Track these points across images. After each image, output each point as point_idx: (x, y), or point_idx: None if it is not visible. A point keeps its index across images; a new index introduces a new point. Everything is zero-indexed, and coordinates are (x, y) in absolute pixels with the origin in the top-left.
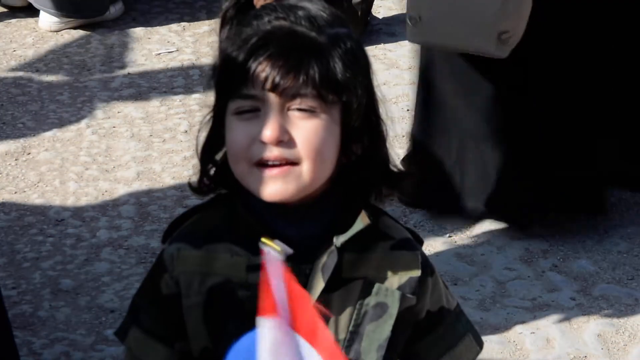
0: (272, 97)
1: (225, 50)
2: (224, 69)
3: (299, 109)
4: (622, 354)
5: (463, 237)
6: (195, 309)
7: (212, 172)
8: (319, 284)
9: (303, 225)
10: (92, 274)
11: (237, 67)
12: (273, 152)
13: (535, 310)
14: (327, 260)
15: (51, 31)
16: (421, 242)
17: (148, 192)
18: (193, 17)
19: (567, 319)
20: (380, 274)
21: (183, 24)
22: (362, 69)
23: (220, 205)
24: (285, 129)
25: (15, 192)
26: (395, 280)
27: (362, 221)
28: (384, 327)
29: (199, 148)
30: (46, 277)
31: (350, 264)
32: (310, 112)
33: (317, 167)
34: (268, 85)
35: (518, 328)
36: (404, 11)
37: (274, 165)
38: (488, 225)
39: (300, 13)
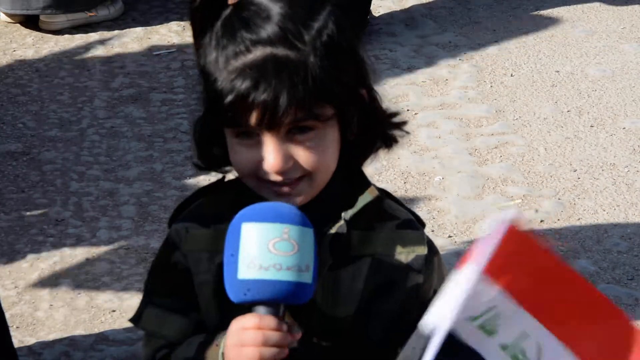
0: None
1: (212, 79)
2: (215, 102)
3: (298, 132)
4: None
5: (463, 237)
6: (205, 285)
7: (213, 151)
8: (327, 259)
9: (310, 204)
10: (91, 274)
11: (228, 105)
12: (279, 177)
13: None
14: (336, 235)
15: (51, 31)
16: (423, 225)
17: (149, 192)
18: None
19: None
20: (388, 252)
21: (183, 24)
22: (345, 55)
23: (228, 190)
24: (289, 155)
25: (16, 192)
26: (402, 258)
27: (370, 194)
28: (393, 304)
29: (195, 129)
30: (46, 277)
31: (358, 242)
32: (309, 130)
33: (324, 175)
34: (263, 126)
35: None
36: (404, 11)
37: (287, 184)
38: (488, 225)
39: (275, 28)
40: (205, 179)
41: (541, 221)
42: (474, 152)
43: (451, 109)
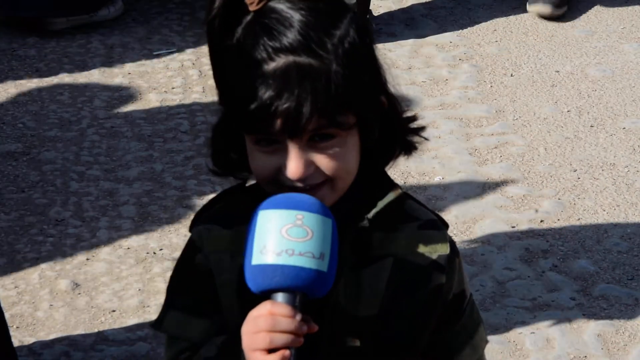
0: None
1: (232, 85)
2: (237, 109)
3: (320, 139)
4: (622, 354)
5: (463, 237)
6: (227, 286)
7: (230, 155)
8: (348, 260)
9: (332, 206)
10: (91, 274)
11: (250, 114)
12: (301, 184)
13: (535, 310)
14: (357, 234)
15: (52, 31)
16: (447, 226)
17: (149, 192)
18: (193, 17)
19: (567, 319)
20: (411, 251)
21: (183, 24)
22: (365, 63)
23: (249, 192)
24: (310, 162)
25: (16, 192)
26: (425, 258)
27: (393, 194)
28: (415, 304)
29: (212, 134)
30: (46, 277)
31: (380, 242)
32: (330, 136)
33: (346, 180)
34: (286, 134)
35: (518, 328)
36: (404, 11)
37: (309, 189)
38: (488, 225)
39: (298, 36)
40: (206, 179)
41: (541, 221)
42: (474, 152)
43: (451, 109)
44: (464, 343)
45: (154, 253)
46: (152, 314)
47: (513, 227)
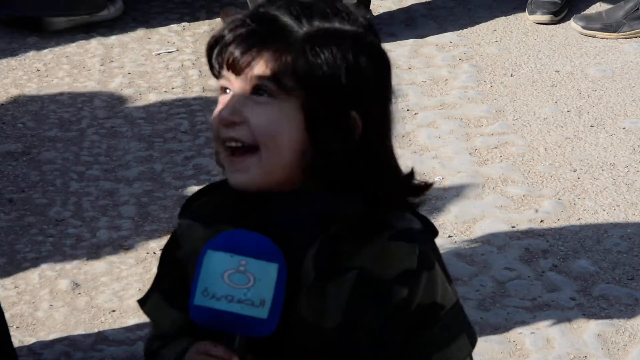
0: (233, 78)
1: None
2: (207, 48)
3: (257, 93)
4: (622, 354)
5: (463, 237)
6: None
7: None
8: (310, 273)
9: (297, 214)
10: (91, 274)
11: (214, 46)
12: (226, 133)
13: (535, 310)
14: (320, 249)
15: (52, 31)
16: (435, 233)
17: (149, 192)
18: (193, 17)
19: (567, 319)
20: (376, 265)
21: (183, 24)
22: (345, 67)
23: (231, 190)
24: (239, 111)
25: (16, 192)
26: (389, 272)
27: (358, 211)
28: (378, 317)
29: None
30: (46, 277)
31: (347, 254)
32: (267, 96)
33: (273, 156)
34: (228, 63)
35: (518, 328)
36: (404, 11)
37: (236, 153)
38: (488, 225)
39: (302, 6)
40: (205, 179)
41: (541, 221)
42: (474, 152)
43: (451, 109)
44: (433, 353)
45: (154, 253)
46: None
47: (513, 227)
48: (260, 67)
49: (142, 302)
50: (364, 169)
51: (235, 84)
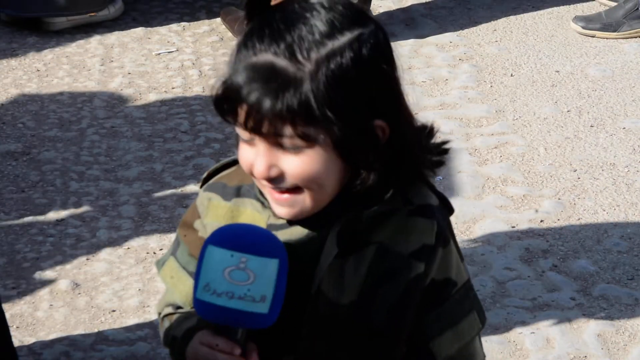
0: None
1: (223, 77)
2: (216, 99)
3: (285, 147)
4: (622, 354)
5: (463, 237)
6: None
7: None
8: (333, 249)
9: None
10: (91, 274)
11: (222, 97)
12: (268, 184)
13: (535, 310)
14: (343, 226)
15: (52, 31)
16: (451, 210)
17: (148, 192)
18: (193, 17)
19: (567, 319)
20: (395, 240)
21: (183, 24)
22: (355, 87)
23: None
24: (274, 164)
25: (16, 192)
26: (407, 247)
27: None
28: (394, 292)
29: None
30: (46, 277)
31: (367, 229)
32: (296, 148)
33: (316, 194)
34: (248, 128)
35: (518, 328)
36: (404, 11)
37: (281, 191)
38: (488, 225)
39: (289, 38)
40: None
41: (541, 221)
42: (474, 152)
43: (451, 109)
44: (445, 329)
45: (154, 253)
46: (152, 314)
47: (513, 227)
48: (281, 128)
49: (160, 266)
50: (397, 157)
51: (260, 140)
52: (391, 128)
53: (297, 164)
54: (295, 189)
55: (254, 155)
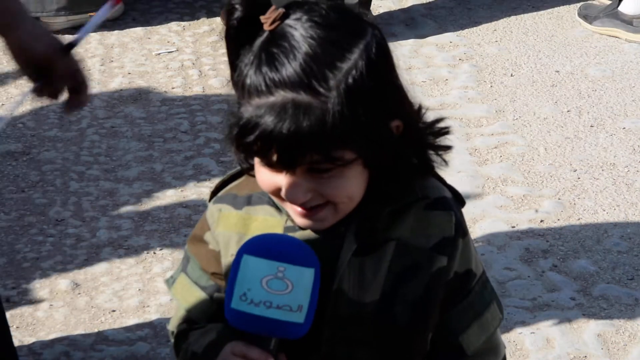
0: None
1: (238, 104)
2: (238, 130)
3: (316, 171)
4: (622, 354)
5: None
6: (230, 267)
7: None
8: (352, 245)
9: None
10: (91, 274)
11: (250, 141)
12: (301, 207)
13: (535, 310)
14: (361, 223)
15: (52, 31)
16: (463, 203)
17: (149, 192)
18: (193, 17)
19: (567, 319)
20: (414, 235)
21: (183, 24)
22: (372, 96)
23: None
24: (307, 188)
25: (16, 192)
26: (427, 241)
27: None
28: (417, 287)
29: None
30: (46, 277)
31: (385, 226)
32: (329, 170)
33: (348, 204)
34: (282, 167)
35: (518, 328)
36: (404, 11)
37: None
38: (488, 225)
39: (299, 70)
40: (206, 179)
41: (541, 221)
42: (474, 152)
43: (451, 109)
44: (471, 322)
45: (154, 253)
46: (152, 314)
47: (513, 227)
48: (316, 159)
49: (170, 283)
50: (411, 150)
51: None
52: (404, 123)
53: (333, 186)
54: (321, 205)
55: (279, 180)
